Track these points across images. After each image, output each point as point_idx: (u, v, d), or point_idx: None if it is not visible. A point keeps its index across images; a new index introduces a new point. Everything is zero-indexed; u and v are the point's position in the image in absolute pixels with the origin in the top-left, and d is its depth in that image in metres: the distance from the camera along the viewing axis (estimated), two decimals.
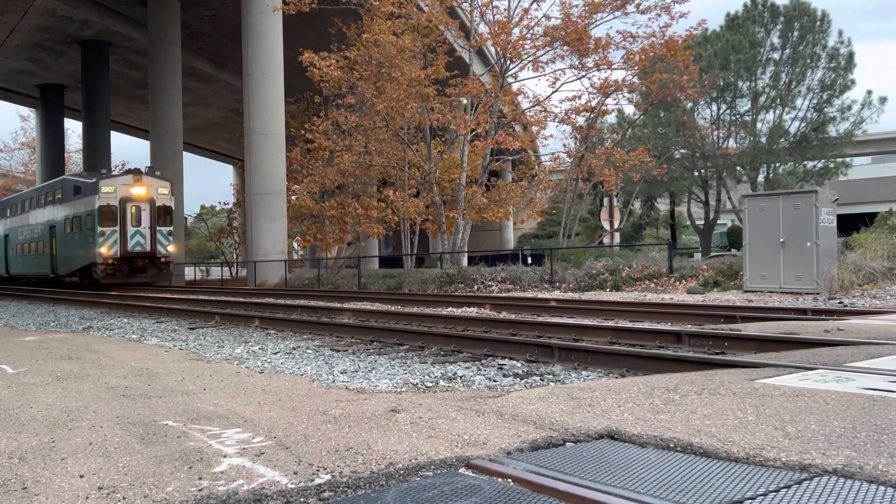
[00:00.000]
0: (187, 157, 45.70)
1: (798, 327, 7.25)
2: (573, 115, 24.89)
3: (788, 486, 2.39)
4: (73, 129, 55.18)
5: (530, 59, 24.23)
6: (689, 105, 28.76)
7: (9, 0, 33.22)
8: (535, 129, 26.71)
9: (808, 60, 28.72)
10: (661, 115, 29.28)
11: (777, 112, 29.33)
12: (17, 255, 35.21)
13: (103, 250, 25.33)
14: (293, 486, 2.60)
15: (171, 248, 27.24)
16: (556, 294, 16.67)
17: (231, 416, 3.88)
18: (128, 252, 25.79)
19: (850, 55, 28.81)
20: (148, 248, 26.30)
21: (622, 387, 4.16)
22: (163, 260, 26.77)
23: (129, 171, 27.24)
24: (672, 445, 2.93)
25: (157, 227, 26.50)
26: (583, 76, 24.40)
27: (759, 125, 29.38)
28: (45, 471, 2.88)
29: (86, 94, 39.86)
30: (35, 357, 6.82)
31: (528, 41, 23.86)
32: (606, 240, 38.17)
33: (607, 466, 2.71)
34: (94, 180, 26.48)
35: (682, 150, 30.39)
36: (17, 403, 4.41)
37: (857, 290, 13.55)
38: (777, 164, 29.91)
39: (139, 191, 26.36)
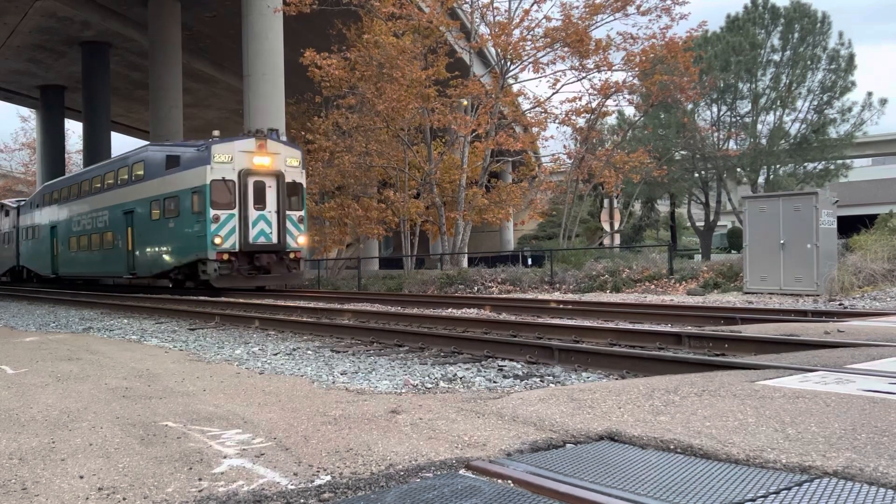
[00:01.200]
0: None
1: (798, 329, 7.24)
2: (573, 117, 24.91)
3: (789, 488, 2.39)
4: (74, 130, 55.19)
5: (531, 60, 24.25)
6: (690, 107, 28.75)
7: (9, 1, 33.23)
8: (535, 130, 26.73)
9: (809, 62, 28.72)
10: (662, 116, 29.27)
11: (777, 114, 29.32)
12: (71, 251, 27.87)
13: (217, 242, 18.33)
14: (293, 487, 2.60)
15: (302, 239, 20.29)
16: (557, 295, 16.66)
17: (231, 416, 3.88)
18: (250, 245, 18.85)
19: (851, 57, 28.82)
20: (274, 240, 19.37)
21: (622, 388, 4.16)
22: (292, 256, 19.84)
23: (249, 134, 20.31)
24: (672, 447, 2.93)
25: (287, 212, 19.66)
26: (583, 77, 24.42)
27: (759, 127, 29.38)
28: (45, 471, 2.88)
29: (86, 94, 39.87)
30: (35, 358, 6.82)
31: (529, 42, 23.89)
32: (606, 241, 38.20)
33: (607, 468, 2.71)
34: (202, 146, 19.70)
35: (683, 152, 30.38)
36: (17, 404, 4.41)
37: (857, 292, 13.55)
38: (777, 166, 29.91)
39: (264, 161, 19.25)
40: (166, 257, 20.71)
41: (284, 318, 11.08)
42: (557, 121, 24.93)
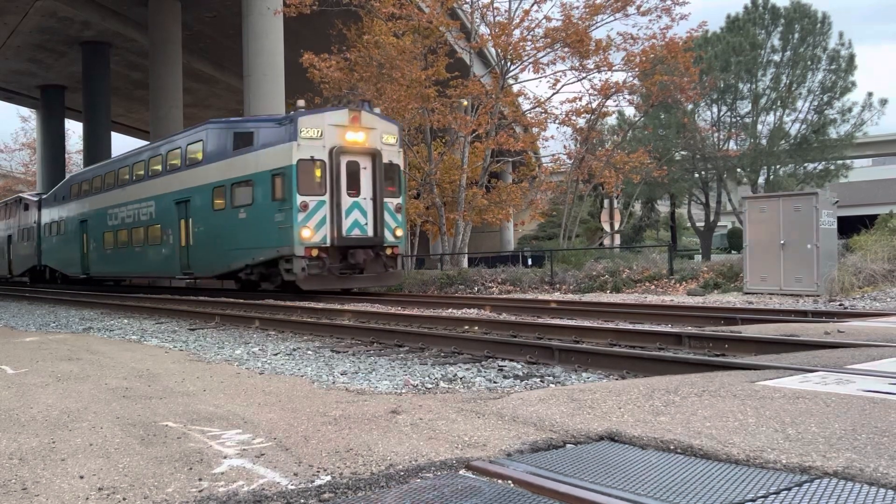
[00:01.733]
0: None
1: (798, 329, 7.24)
2: (574, 117, 24.88)
3: (789, 489, 2.39)
4: (74, 130, 55.21)
5: (531, 60, 24.24)
6: (690, 107, 28.75)
7: (9, 1, 33.24)
8: (535, 130, 26.71)
9: (809, 62, 28.73)
10: (662, 116, 29.28)
11: (777, 114, 29.33)
12: (106, 248, 24.73)
13: (305, 235, 15.27)
14: (293, 487, 2.60)
15: (400, 232, 17.10)
16: (557, 296, 16.66)
17: (231, 417, 3.88)
18: (343, 238, 15.75)
19: (851, 57, 28.83)
20: (370, 233, 16.26)
21: (622, 388, 4.16)
22: (389, 252, 16.74)
23: (338, 105, 17.71)
24: (672, 447, 2.93)
25: (384, 199, 16.52)
26: (583, 78, 24.40)
27: (759, 127, 29.39)
28: (45, 472, 2.88)
29: (86, 94, 39.88)
30: (35, 358, 6.82)
31: (529, 43, 23.88)
32: (607, 241, 38.20)
33: (607, 468, 2.71)
34: (285, 119, 16.55)
35: (683, 152, 30.38)
36: (17, 404, 4.41)
37: (857, 293, 13.55)
38: (777, 166, 29.91)
39: (358, 137, 16.13)
40: (234, 254, 17.35)
41: (284, 318, 11.08)
42: (557, 121, 24.91)
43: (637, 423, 3.29)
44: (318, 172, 15.63)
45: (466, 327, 9.09)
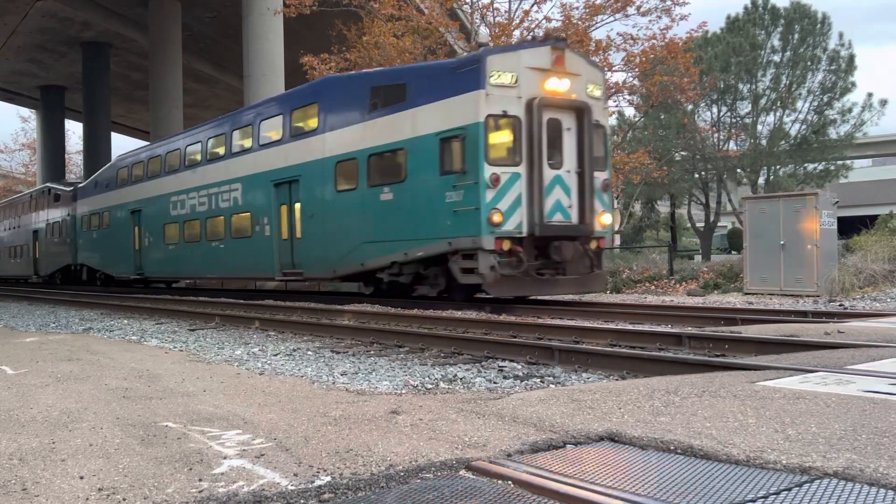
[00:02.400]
0: None
1: (798, 330, 7.24)
2: None
3: (789, 489, 2.39)
4: (74, 131, 55.24)
5: None
6: (690, 107, 28.76)
7: (10, 1, 33.26)
8: None
9: (809, 63, 28.74)
10: (662, 117, 29.28)
11: (777, 114, 29.35)
12: (168, 243, 20.78)
13: (495, 220, 11.20)
14: (293, 487, 2.60)
15: (608, 218, 12.76)
16: (557, 296, 16.64)
17: (231, 417, 3.88)
18: (545, 226, 11.61)
19: (851, 58, 28.85)
20: (575, 219, 12.07)
21: (622, 389, 4.16)
22: (594, 246, 12.37)
23: (537, 40, 12.55)
24: (672, 448, 2.93)
25: (593, 172, 12.26)
26: None
27: (759, 127, 29.40)
28: (45, 472, 2.88)
29: (86, 95, 39.92)
30: (35, 358, 6.82)
31: None
32: None
33: (608, 468, 2.71)
34: (463, 60, 12.38)
35: (683, 153, 30.39)
36: (17, 405, 4.41)
37: (857, 293, 13.55)
38: (777, 167, 29.93)
39: (561, 85, 11.86)
40: (371, 249, 13.26)
41: (284, 318, 11.08)
42: None
43: (637, 424, 3.29)
44: (511, 134, 11.56)
45: (465, 329, 9.10)
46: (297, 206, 15.43)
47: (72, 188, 28.78)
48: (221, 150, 18.60)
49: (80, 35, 37.54)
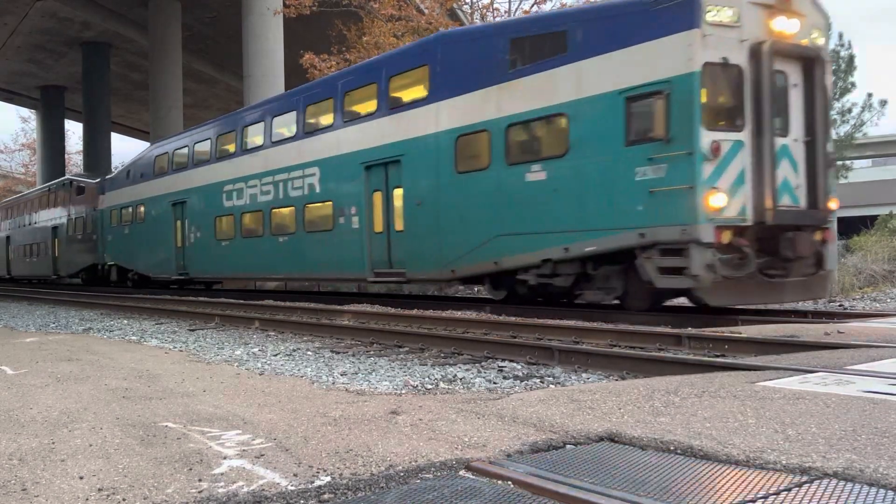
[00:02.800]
0: None
1: (798, 330, 7.24)
2: None
3: (789, 489, 2.39)
4: (74, 131, 55.28)
5: None
6: None
7: (10, 1, 33.28)
8: None
9: None
10: None
11: None
12: (220, 239, 18.14)
13: (716, 203, 8.56)
14: (293, 487, 2.60)
15: (835, 204, 10.04)
16: None
17: (231, 417, 3.88)
18: (777, 210, 8.95)
19: (851, 58, 28.82)
20: (803, 202, 9.49)
21: (622, 389, 4.16)
22: (820, 238, 9.82)
23: None
24: (672, 448, 2.93)
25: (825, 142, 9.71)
26: None
27: None
28: (44, 472, 2.88)
29: (86, 95, 39.95)
30: (35, 358, 6.82)
31: None
32: None
33: (608, 469, 2.71)
34: None
35: None
36: (17, 405, 4.41)
37: (857, 293, 13.55)
38: None
39: (790, 27, 9.37)
40: (510, 243, 10.79)
41: (284, 318, 11.08)
42: None
43: (637, 424, 3.29)
44: (733, 89, 8.97)
45: (464, 330, 9.10)
46: (398, 192, 12.70)
47: (98, 180, 26.21)
48: (291, 130, 15.77)
49: (80, 35, 37.56)
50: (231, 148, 17.98)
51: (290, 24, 25.66)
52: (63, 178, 31.30)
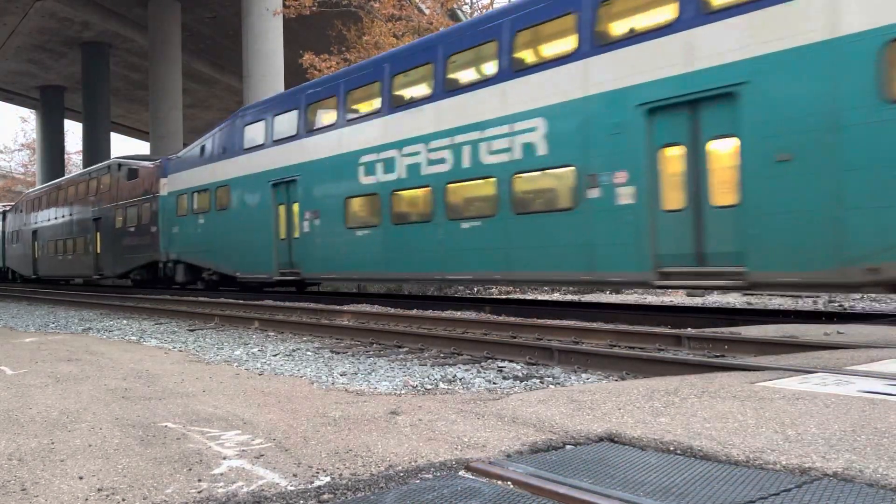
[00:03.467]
0: None
1: (798, 330, 7.24)
2: None
3: (788, 490, 2.39)
4: (74, 131, 55.32)
5: None
6: None
7: (9, 1, 33.29)
8: None
9: None
10: None
11: None
12: (352, 227, 13.96)
13: None
14: (292, 488, 2.60)
15: None
16: (556, 296, 16.67)
17: (230, 417, 3.88)
18: None
19: None
20: None
21: (622, 389, 4.16)
22: None
23: None
24: (672, 448, 2.93)
25: None
26: None
27: None
28: (44, 472, 2.88)
29: (86, 95, 39.96)
30: (34, 358, 6.81)
31: None
32: None
33: (607, 469, 2.71)
34: None
35: None
36: (16, 405, 4.41)
37: (857, 294, 13.54)
38: None
39: None
40: None
41: (284, 318, 11.08)
42: None
43: (637, 424, 3.29)
44: None
45: (464, 330, 9.10)
46: (733, 146, 8.41)
47: (157, 160, 21.95)
48: (481, 70, 11.53)
49: (79, 35, 37.57)
50: (372, 105, 13.53)
51: (289, 23, 25.68)
52: (110, 161, 26.22)
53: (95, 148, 40.06)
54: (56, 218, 29.22)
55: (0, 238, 37.43)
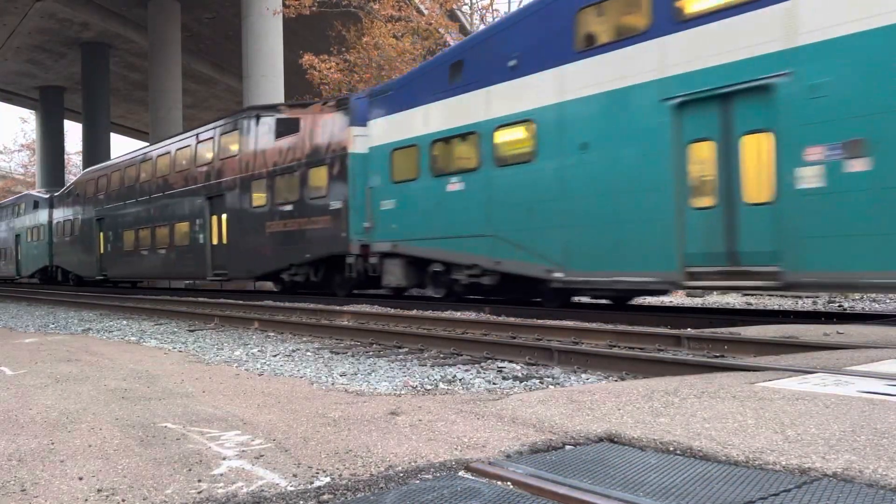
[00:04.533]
0: None
1: (798, 331, 7.24)
2: None
3: (788, 490, 2.39)
4: (73, 131, 55.30)
5: None
6: None
7: (9, 2, 33.29)
8: None
9: None
10: None
11: None
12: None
13: None
14: (292, 488, 2.60)
15: None
16: None
17: (230, 418, 3.88)
18: None
19: None
20: None
21: (622, 390, 4.16)
22: None
23: None
24: (672, 449, 2.93)
25: None
26: None
27: None
28: (44, 473, 2.88)
29: (86, 96, 39.96)
30: (34, 359, 6.81)
31: None
32: None
33: (607, 469, 2.71)
34: None
35: None
36: (16, 405, 4.40)
37: (857, 294, 13.54)
38: None
39: None
40: None
41: (284, 319, 11.08)
42: None
43: (636, 425, 3.29)
44: None
45: (464, 330, 9.10)
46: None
47: (338, 98, 15.65)
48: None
49: (79, 36, 37.57)
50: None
51: (289, 24, 25.70)
52: (239, 112, 19.01)
53: (95, 148, 40.06)
54: (137, 199, 22.62)
55: (47, 231, 30.17)
